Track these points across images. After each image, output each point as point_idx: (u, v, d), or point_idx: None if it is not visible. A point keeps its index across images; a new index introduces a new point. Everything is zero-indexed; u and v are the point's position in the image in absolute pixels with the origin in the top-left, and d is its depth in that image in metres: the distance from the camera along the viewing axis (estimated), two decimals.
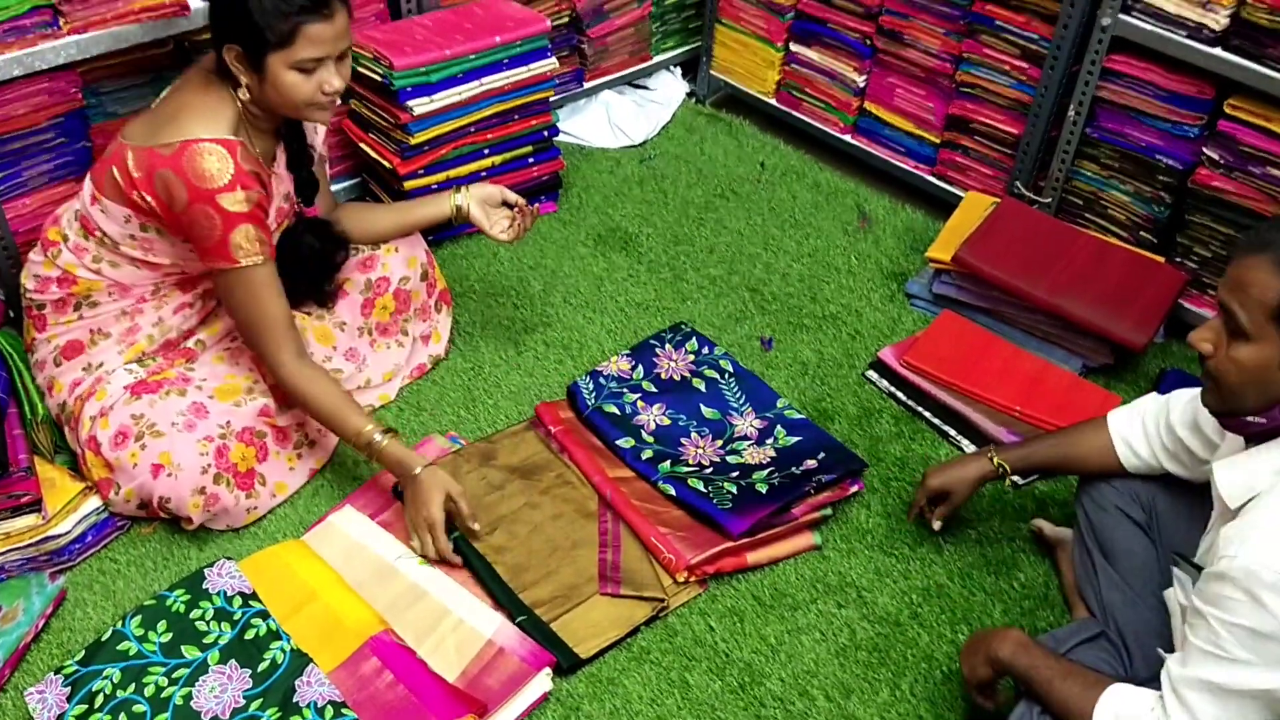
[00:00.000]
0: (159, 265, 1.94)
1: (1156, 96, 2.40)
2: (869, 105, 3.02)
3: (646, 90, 3.36)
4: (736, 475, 2.06)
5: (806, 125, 3.18)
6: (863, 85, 3.00)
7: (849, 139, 3.10)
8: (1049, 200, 2.69)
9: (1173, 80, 2.36)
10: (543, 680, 1.74)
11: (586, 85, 3.19)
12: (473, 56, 2.56)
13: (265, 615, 1.79)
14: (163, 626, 1.76)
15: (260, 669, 1.71)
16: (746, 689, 1.79)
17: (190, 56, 2.28)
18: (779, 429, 2.19)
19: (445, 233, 2.66)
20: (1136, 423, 1.75)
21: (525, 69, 2.66)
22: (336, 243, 2.15)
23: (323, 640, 1.76)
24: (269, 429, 2.02)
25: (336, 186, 2.73)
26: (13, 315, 2.18)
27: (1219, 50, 2.26)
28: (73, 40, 2.08)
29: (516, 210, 2.24)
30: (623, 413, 2.20)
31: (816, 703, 1.77)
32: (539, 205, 2.24)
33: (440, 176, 2.64)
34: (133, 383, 1.97)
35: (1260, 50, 2.20)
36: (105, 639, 1.74)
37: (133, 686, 1.68)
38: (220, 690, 1.69)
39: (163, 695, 1.67)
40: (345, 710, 1.65)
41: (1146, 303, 2.38)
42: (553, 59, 2.71)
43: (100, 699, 1.66)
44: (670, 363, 2.35)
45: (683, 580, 1.91)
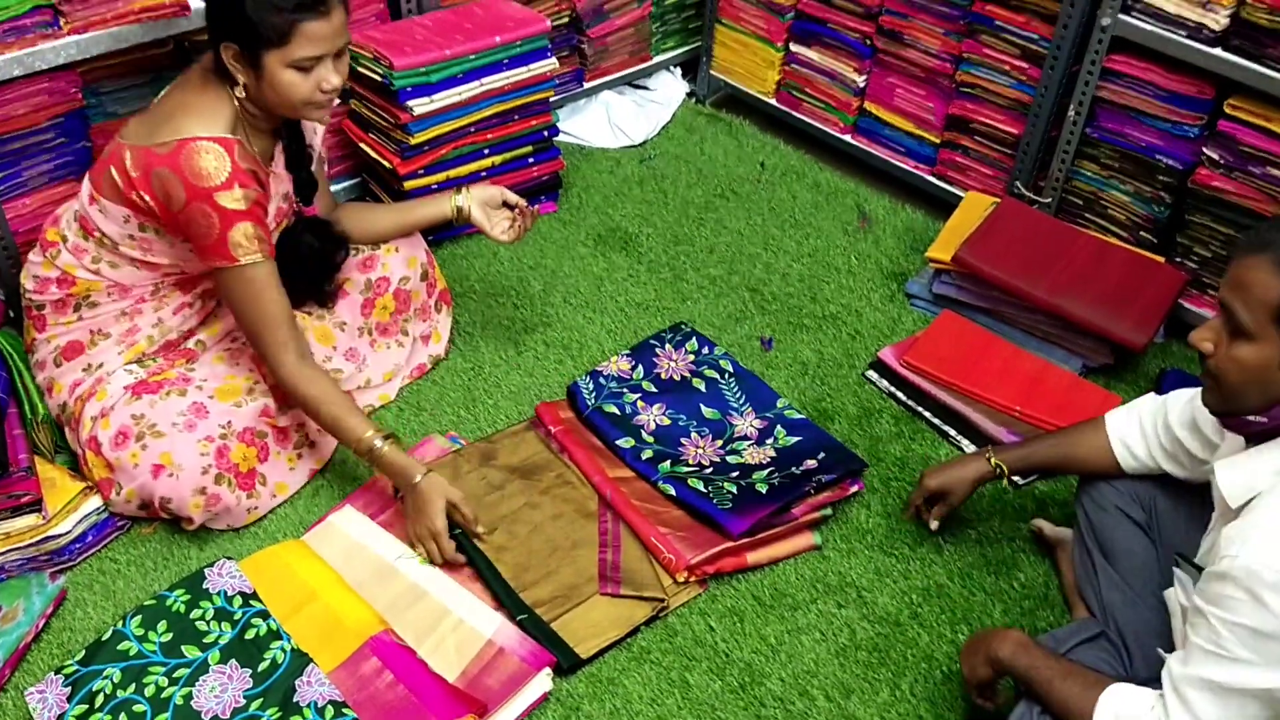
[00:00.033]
0: (158, 265, 1.94)
1: (1156, 96, 2.40)
2: (869, 105, 3.02)
3: (646, 90, 3.36)
4: (736, 475, 2.06)
5: (806, 125, 3.18)
6: (863, 85, 3.00)
7: (849, 139, 3.10)
8: (1049, 200, 2.69)
9: (1173, 80, 2.36)
10: (543, 680, 1.74)
11: (586, 85, 3.19)
12: (473, 56, 2.56)
13: (265, 615, 1.79)
14: (163, 626, 1.77)
15: (260, 669, 1.71)
16: (747, 689, 1.79)
17: (190, 57, 2.28)
18: (779, 429, 2.19)
19: (445, 233, 2.66)
20: (1134, 424, 1.75)
21: (525, 69, 2.66)
22: (336, 242, 2.15)
23: (323, 640, 1.76)
24: (269, 429, 2.02)
25: (336, 186, 2.73)
26: (13, 315, 2.18)
27: (1219, 50, 2.26)
28: (73, 40, 2.08)
29: (517, 211, 2.24)
30: (623, 413, 2.20)
31: (816, 703, 1.77)
32: (539, 206, 2.24)
33: (440, 176, 2.64)
34: (133, 383, 1.97)
35: (1260, 50, 2.20)
36: (105, 639, 1.74)
37: (133, 686, 1.68)
38: (221, 690, 1.69)
39: (163, 695, 1.67)
40: (345, 710, 1.65)
41: (1146, 303, 2.38)
42: (553, 59, 2.71)
43: (100, 699, 1.66)
44: (670, 363, 2.35)
45: (683, 580, 1.91)
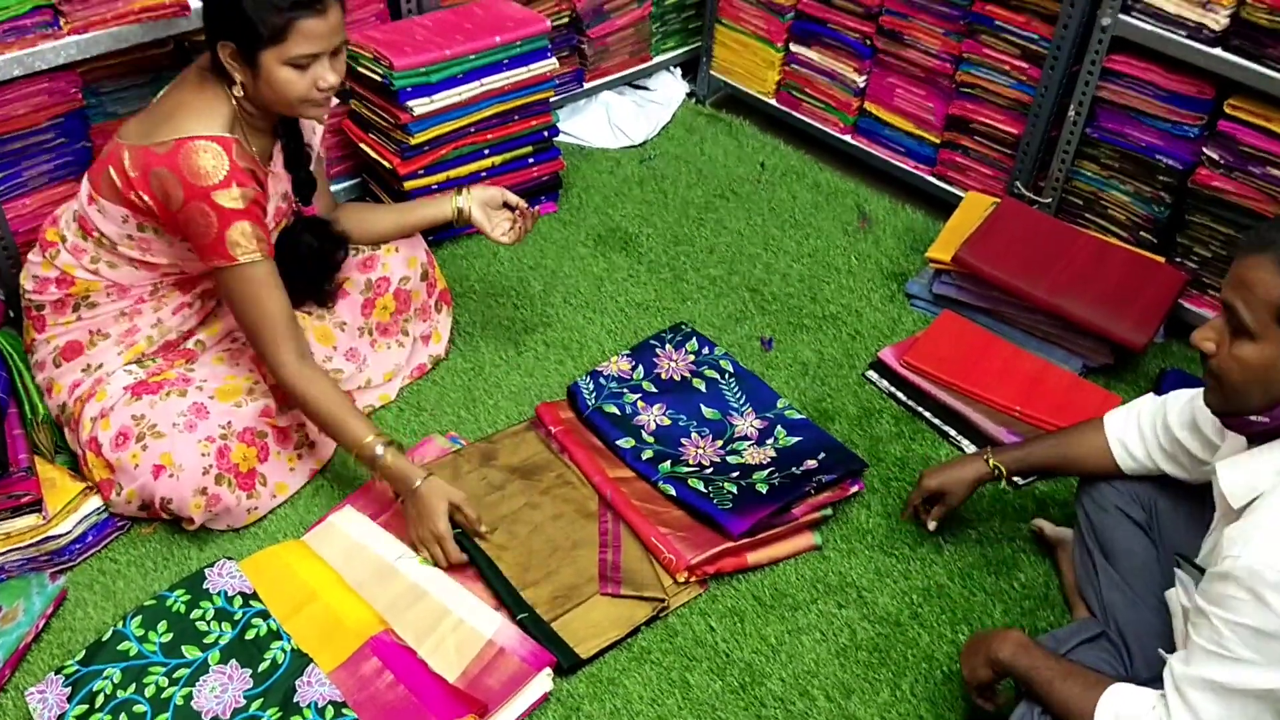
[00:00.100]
0: (157, 265, 1.94)
1: (1156, 96, 2.40)
2: (869, 105, 3.01)
3: (646, 90, 3.36)
4: (737, 475, 2.06)
5: (806, 125, 3.18)
6: (863, 85, 3.00)
7: (849, 139, 3.10)
8: (1049, 200, 2.69)
9: (1173, 80, 2.36)
10: (543, 680, 1.74)
11: (586, 85, 3.19)
12: (473, 57, 2.56)
13: (266, 615, 1.78)
14: (163, 626, 1.76)
15: (261, 669, 1.71)
16: (747, 689, 1.79)
17: (190, 56, 2.27)
18: (779, 429, 2.19)
19: (445, 233, 2.66)
20: (1132, 425, 1.75)
21: (525, 69, 2.66)
22: (335, 242, 2.15)
23: (323, 640, 1.76)
24: (270, 429, 2.02)
25: (336, 187, 2.73)
26: (12, 316, 2.18)
27: (1219, 50, 2.26)
28: (73, 40, 2.08)
29: (517, 213, 2.24)
30: (623, 413, 2.20)
31: (817, 703, 1.77)
32: (539, 206, 2.24)
33: (440, 177, 2.64)
34: (132, 383, 1.97)
35: (1260, 50, 2.20)
36: (106, 639, 1.74)
37: (133, 686, 1.68)
38: (221, 690, 1.69)
39: (163, 695, 1.67)
40: (346, 710, 1.65)
41: (1146, 303, 2.38)
42: (553, 59, 2.71)
43: (101, 699, 1.66)
44: (670, 363, 2.35)
45: (683, 580, 1.91)
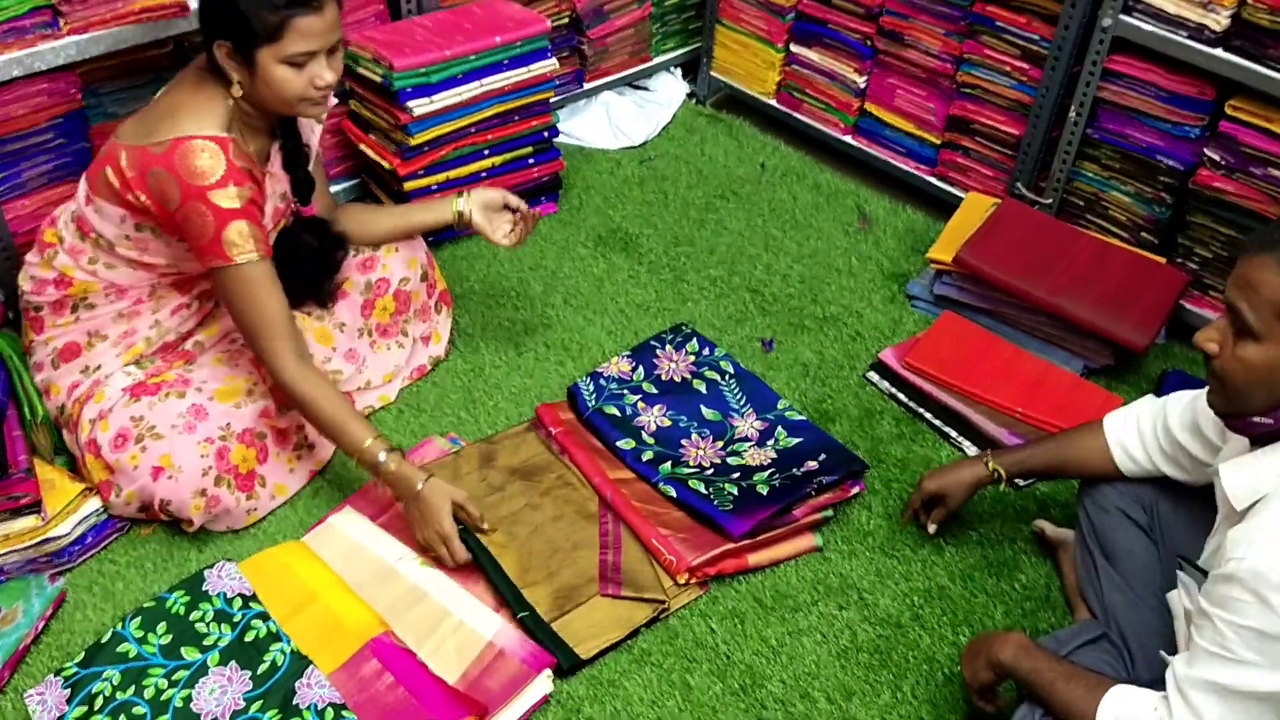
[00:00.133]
0: (154, 266, 1.93)
1: (1157, 97, 2.40)
2: (869, 106, 3.01)
3: (647, 91, 3.36)
4: (737, 477, 2.06)
5: (807, 126, 3.18)
6: (863, 86, 2.99)
7: (849, 140, 3.09)
8: (1050, 201, 2.69)
9: (1174, 81, 2.36)
10: (543, 682, 1.74)
11: (587, 86, 3.19)
12: (473, 57, 2.56)
13: (265, 617, 1.78)
14: (162, 628, 1.76)
15: (260, 671, 1.71)
16: (748, 691, 1.79)
17: (190, 57, 2.26)
18: (780, 430, 2.19)
19: (445, 234, 2.66)
20: (1132, 427, 1.74)
21: (525, 70, 2.65)
22: (335, 242, 2.15)
23: (323, 642, 1.76)
24: (269, 430, 2.01)
25: (336, 188, 2.73)
26: (11, 317, 2.18)
27: (1220, 51, 2.26)
28: (72, 41, 2.08)
29: (518, 215, 2.23)
30: (623, 414, 2.20)
31: (818, 705, 1.77)
32: (539, 208, 2.23)
33: (440, 177, 2.64)
34: (131, 385, 1.96)
35: (1261, 51, 2.20)
36: (105, 641, 1.74)
37: (132, 688, 1.68)
38: (220, 692, 1.68)
39: (162, 697, 1.67)
40: (346, 712, 1.65)
41: (1147, 304, 2.38)
42: (553, 60, 2.71)
43: (100, 701, 1.66)
44: (671, 364, 2.35)
45: (684, 582, 1.90)
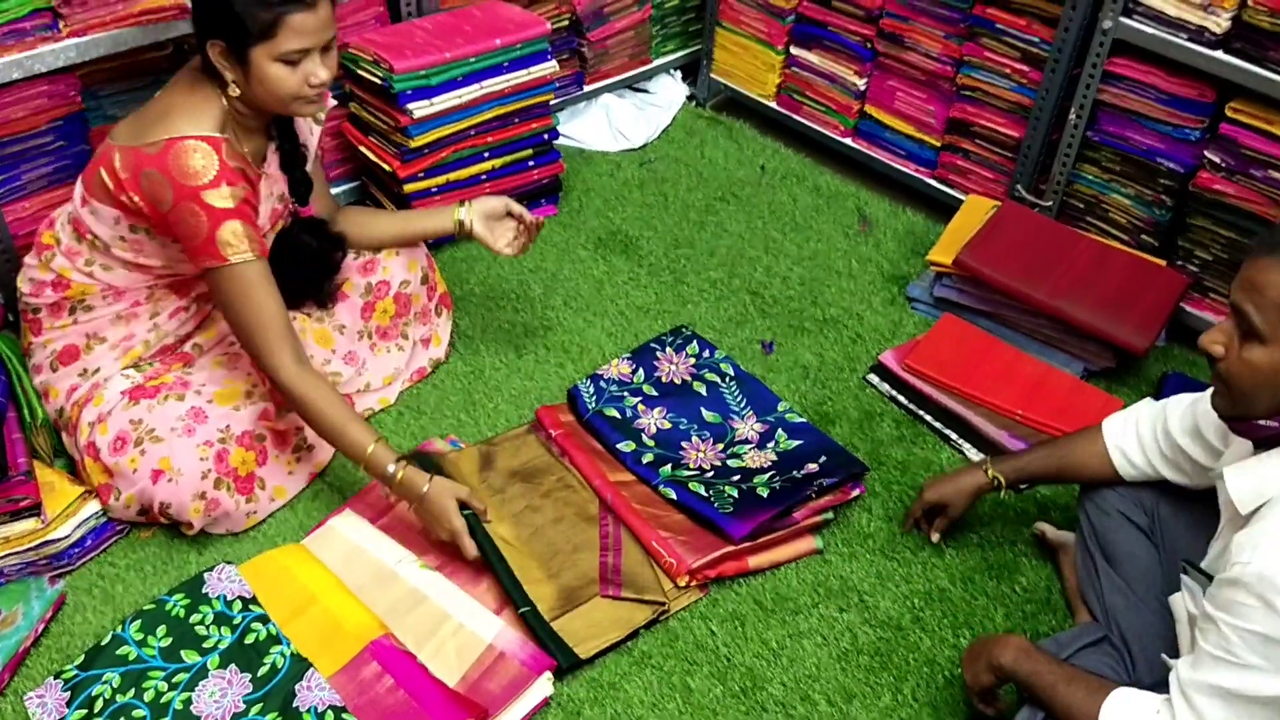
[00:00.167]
0: (150, 268, 1.93)
1: (1158, 100, 2.40)
2: (869, 108, 3.01)
3: (647, 93, 3.36)
4: (738, 479, 2.05)
5: (807, 128, 3.18)
6: (863, 88, 2.99)
7: (849, 142, 3.09)
8: (1050, 203, 2.69)
9: (1174, 83, 2.36)
10: (544, 685, 1.74)
11: (587, 88, 3.19)
12: (473, 59, 2.56)
13: (265, 619, 1.78)
14: (162, 631, 1.76)
15: (260, 673, 1.71)
16: (748, 693, 1.79)
17: (189, 59, 2.27)
18: (780, 432, 2.19)
19: (445, 238, 2.65)
20: (1131, 431, 1.74)
21: (525, 72, 2.65)
22: (334, 242, 2.14)
23: (323, 644, 1.76)
24: (268, 432, 2.01)
25: (336, 190, 2.72)
26: (11, 319, 2.18)
27: (1220, 53, 2.26)
28: (72, 43, 2.08)
29: (520, 227, 2.21)
30: (623, 416, 2.19)
31: (818, 707, 1.77)
32: (539, 210, 2.22)
33: (440, 180, 2.64)
34: (130, 388, 1.96)
35: (1262, 53, 2.20)
36: (105, 643, 1.74)
37: (132, 691, 1.67)
38: (220, 695, 1.68)
39: (162, 700, 1.67)
40: (346, 715, 1.64)
41: (1148, 306, 2.37)
42: (553, 62, 2.71)
43: (100, 703, 1.66)
44: (671, 366, 2.35)
45: (684, 584, 1.90)
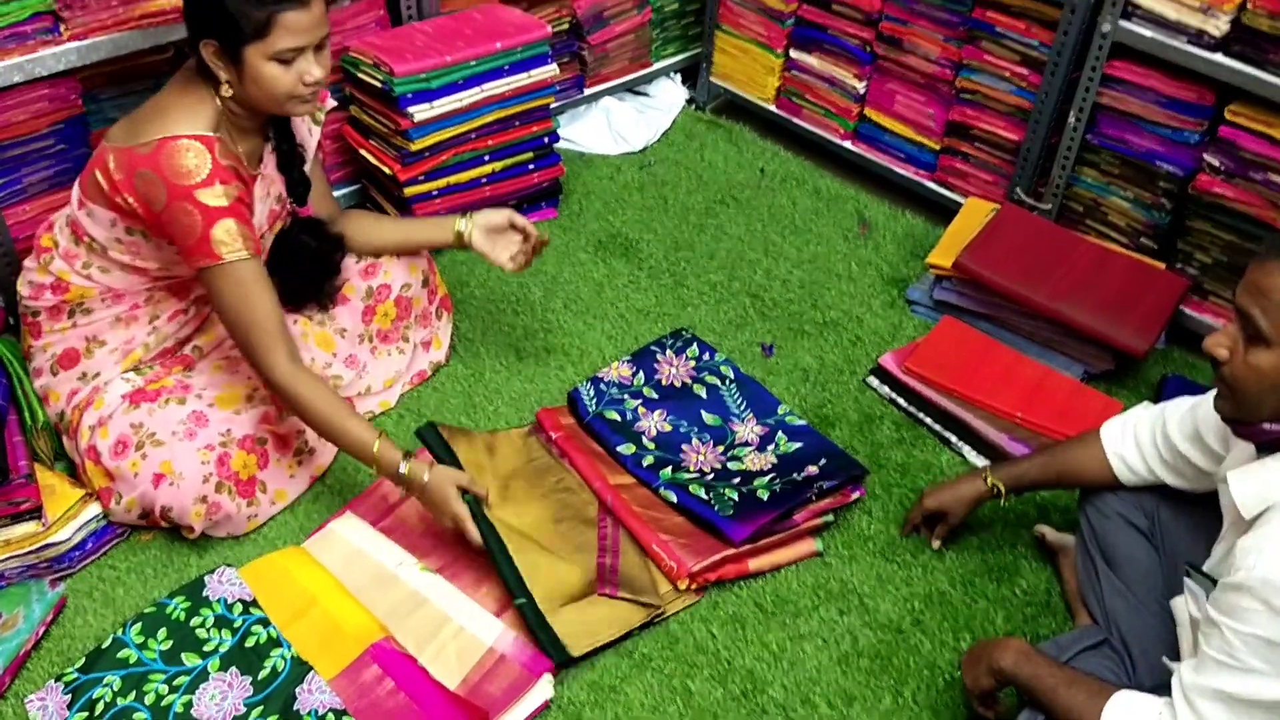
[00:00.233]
0: (147, 270, 1.93)
1: (1157, 103, 2.40)
2: (869, 111, 3.01)
3: (647, 97, 3.36)
4: (738, 482, 2.06)
5: (806, 131, 3.18)
6: (863, 91, 3.00)
7: (849, 145, 3.09)
8: (1049, 206, 2.69)
9: (1173, 86, 2.37)
10: (544, 687, 1.74)
11: (587, 92, 3.19)
12: (473, 63, 2.56)
13: (266, 622, 1.78)
14: (163, 634, 1.76)
15: (261, 676, 1.71)
16: (749, 696, 1.79)
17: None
18: (780, 435, 2.19)
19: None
20: (1130, 437, 1.74)
21: (526, 75, 2.65)
22: (333, 242, 2.14)
23: (323, 647, 1.76)
24: (269, 436, 2.01)
25: (337, 193, 2.72)
26: (12, 322, 2.18)
27: (1220, 56, 2.26)
28: (73, 46, 2.08)
29: (524, 238, 2.19)
30: (624, 419, 2.19)
31: (819, 710, 1.77)
32: (548, 237, 2.21)
33: (441, 183, 2.64)
34: (130, 391, 1.96)
35: (1261, 56, 2.20)
36: (105, 646, 1.74)
37: (133, 694, 1.67)
38: (221, 698, 1.68)
39: (163, 703, 1.67)
40: (346, 718, 1.65)
41: (1147, 309, 2.38)
42: (553, 65, 2.71)
43: (101, 706, 1.66)
44: (671, 369, 2.35)
45: (684, 588, 1.90)
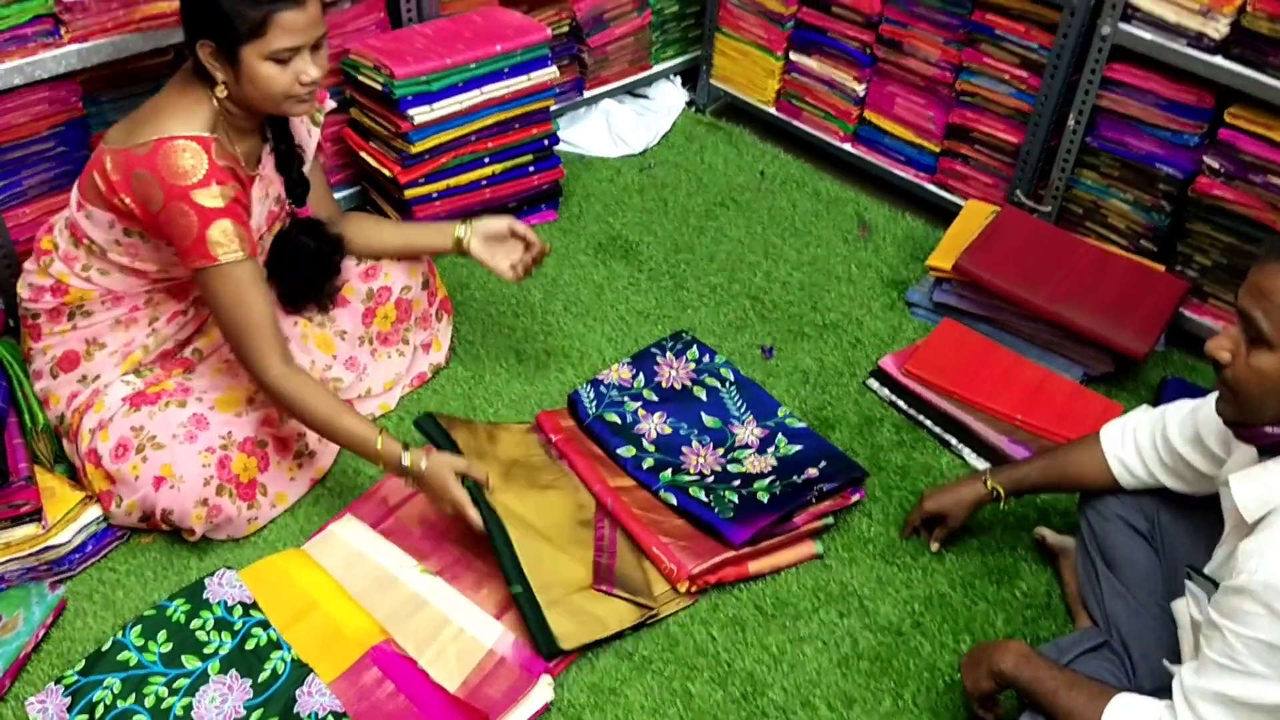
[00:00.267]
0: (146, 272, 1.93)
1: (1157, 105, 2.40)
2: (869, 114, 3.02)
3: (646, 99, 3.36)
4: (738, 484, 2.05)
5: (806, 134, 3.18)
6: (863, 94, 3.00)
7: (849, 148, 3.09)
8: (1049, 209, 2.69)
9: (1173, 89, 2.37)
10: (544, 690, 1.74)
11: (587, 94, 3.19)
12: (473, 65, 2.56)
13: (266, 625, 1.78)
14: (163, 636, 1.76)
15: (261, 679, 1.71)
16: (749, 699, 1.78)
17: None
18: (780, 437, 2.19)
19: None
20: (1130, 441, 1.74)
21: (525, 78, 2.66)
22: (332, 243, 2.13)
23: (323, 650, 1.76)
24: (270, 438, 2.01)
25: (337, 195, 2.72)
26: (12, 324, 2.18)
27: (1219, 59, 2.26)
28: (73, 49, 2.09)
29: (525, 246, 2.18)
30: (624, 421, 2.19)
31: (819, 712, 1.77)
32: (550, 247, 2.21)
33: (441, 185, 2.64)
34: (130, 394, 1.96)
35: (1261, 58, 2.21)
36: (105, 649, 1.74)
37: (133, 696, 1.67)
38: (221, 700, 1.68)
39: (163, 705, 1.67)
40: None
41: (1147, 311, 2.38)
42: (553, 68, 2.71)
43: (101, 709, 1.66)
44: (671, 371, 2.35)
45: (683, 590, 1.90)
